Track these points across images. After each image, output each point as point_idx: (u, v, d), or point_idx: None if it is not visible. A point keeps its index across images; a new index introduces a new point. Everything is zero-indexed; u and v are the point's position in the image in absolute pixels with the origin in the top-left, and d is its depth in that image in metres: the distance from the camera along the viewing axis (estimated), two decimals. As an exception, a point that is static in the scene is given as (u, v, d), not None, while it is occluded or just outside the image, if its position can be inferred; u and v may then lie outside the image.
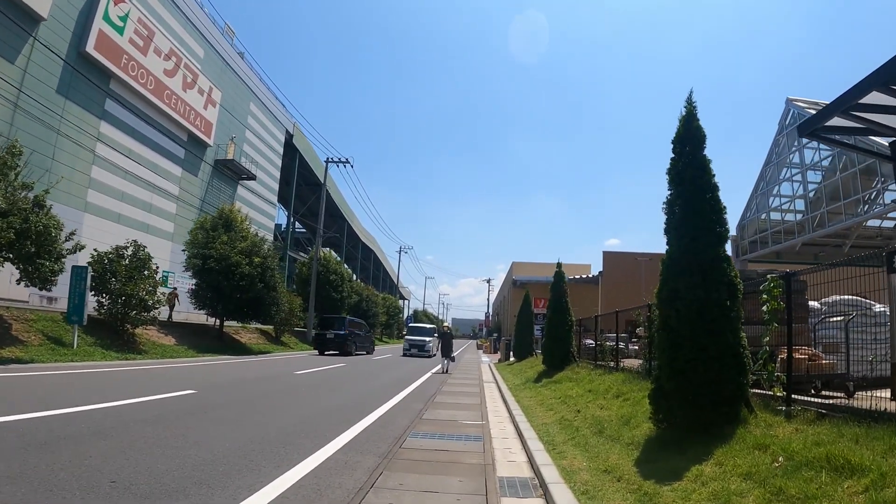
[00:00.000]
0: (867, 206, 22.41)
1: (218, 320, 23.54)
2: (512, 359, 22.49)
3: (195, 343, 21.80)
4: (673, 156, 6.12)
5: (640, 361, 11.19)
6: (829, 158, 23.19)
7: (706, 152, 6.02)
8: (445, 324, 24.44)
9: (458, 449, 6.19)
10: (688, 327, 5.26)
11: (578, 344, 13.87)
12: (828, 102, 7.51)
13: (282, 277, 24.00)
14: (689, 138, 6.07)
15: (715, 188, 5.87)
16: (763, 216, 26.30)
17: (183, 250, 22.38)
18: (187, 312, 25.31)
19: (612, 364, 12.02)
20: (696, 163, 5.93)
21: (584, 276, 37.97)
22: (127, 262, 18.67)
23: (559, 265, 13.72)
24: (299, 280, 32.91)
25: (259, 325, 28.62)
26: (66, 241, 14.73)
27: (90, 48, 25.32)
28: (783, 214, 25.40)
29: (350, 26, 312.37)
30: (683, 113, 6.23)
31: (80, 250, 15.24)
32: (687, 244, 5.54)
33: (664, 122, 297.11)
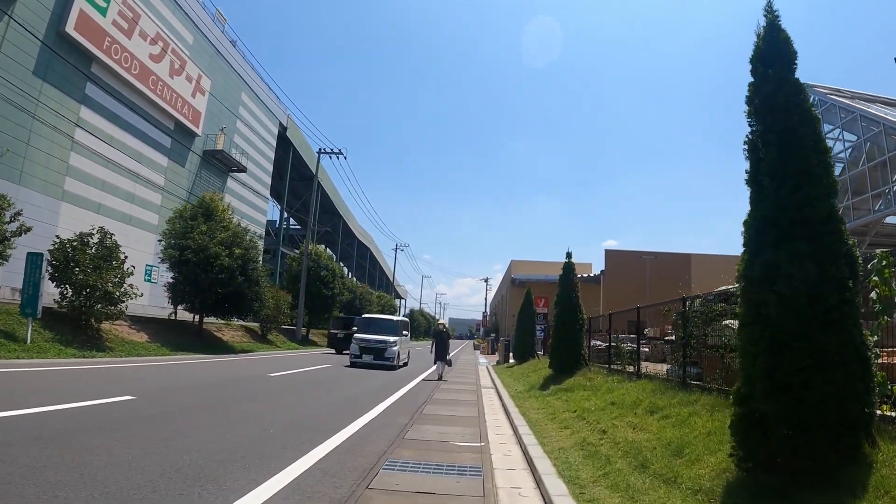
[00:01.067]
0: (888, 201, 20.64)
1: (197, 316, 21.62)
2: (512, 361, 20.62)
3: (170, 340, 19.88)
4: (753, 79, 4.27)
5: (667, 366, 9.36)
6: (851, 150, 21.41)
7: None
8: (441, 322, 20.66)
9: (449, 491, 4.31)
10: (795, 319, 3.40)
11: (588, 346, 12.02)
12: (851, 89, 5.71)
13: (265, 270, 22.09)
14: (775, 56, 4.22)
15: (817, 121, 4.03)
16: None
17: (159, 240, 20.48)
18: (161, 307, 23.37)
19: (630, 369, 10.16)
20: (788, 87, 4.09)
21: (585, 275, 36.12)
22: (93, 250, 16.79)
23: (569, 256, 11.80)
24: (289, 276, 31.03)
25: (245, 323, 26.74)
26: (11, 221, 12.84)
27: (70, 28, 23.52)
28: None
29: (351, 26, 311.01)
30: (763, 25, 4.39)
31: (25, 232, 13.33)
32: (787, 196, 3.67)
33: (662, 124, 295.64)
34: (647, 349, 15.19)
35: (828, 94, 20.32)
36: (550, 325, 18.73)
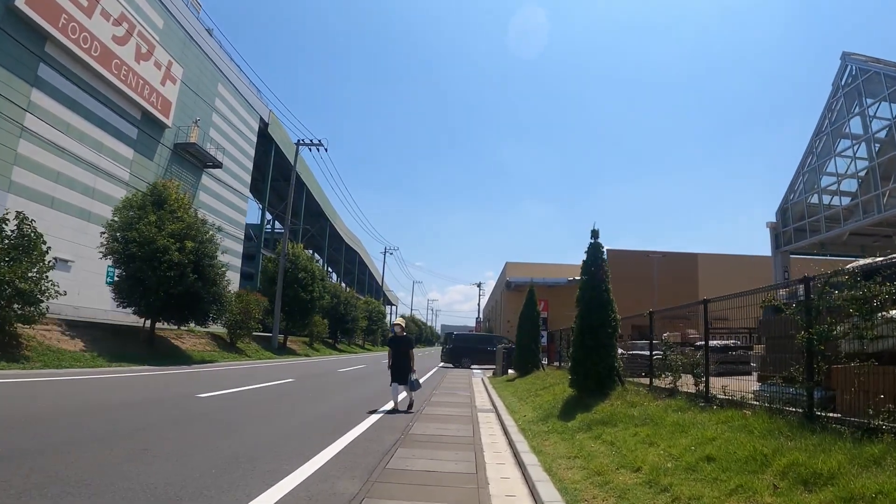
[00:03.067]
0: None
1: (150, 321, 18.16)
2: (511, 372, 17.32)
3: (113, 349, 16.43)
4: None
5: (723, 382, 6.18)
6: (887, 129, 18.38)
7: None
8: (398, 320, 12.49)
9: None
10: None
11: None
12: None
13: (222, 266, 18.65)
14: None
15: None
16: (811, 198, 21.25)
17: (102, 232, 17.12)
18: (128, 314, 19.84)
19: (688, 388, 6.93)
20: None
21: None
22: (9, 242, 13.47)
23: (595, 234, 8.45)
24: (264, 278, 27.58)
25: (212, 330, 23.25)
26: None
27: (21, 3, 20.52)
28: (831, 198, 20.47)
29: (335, 27, 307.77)
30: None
31: None
32: None
33: (655, 128, 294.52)
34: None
35: (867, 61, 17.37)
36: (562, 331, 15.45)
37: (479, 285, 69.24)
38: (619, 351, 12.53)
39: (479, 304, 76.02)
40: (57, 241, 22.02)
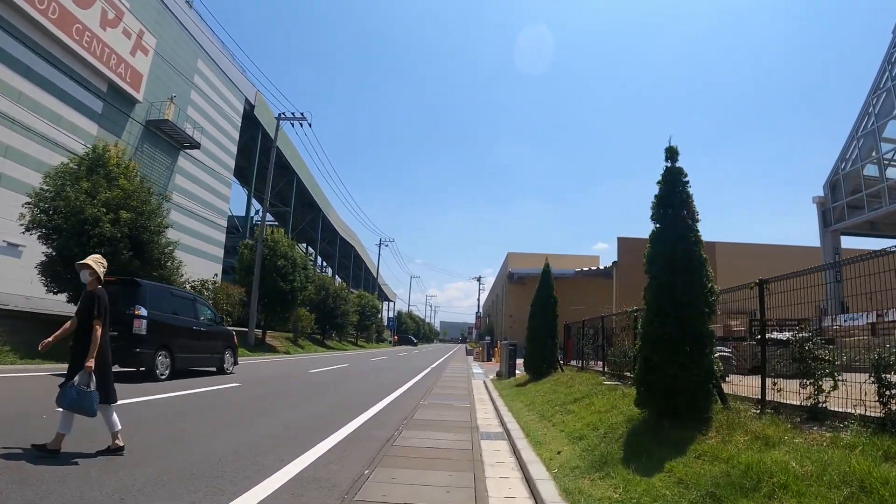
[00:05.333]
0: None
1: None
2: (520, 373, 13.79)
3: (34, 342, 13.12)
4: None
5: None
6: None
7: None
8: (85, 261, 4.73)
9: None
10: None
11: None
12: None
13: (169, 245, 15.23)
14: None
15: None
16: (866, 167, 17.71)
17: (25, 203, 13.78)
18: (41, 299, 16.53)
19: (853, 409, 3.63)
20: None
21: (591, 267, 29.69)
22: None
23: (672, 155, 5.11)
24: (241, 267, 24.18)
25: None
26: None
27: (-42, -48, 17.15)
28: (886, 167, 16.93)
29: (334, 26, 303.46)
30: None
31: None
32: None
33: (652, 126, 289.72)
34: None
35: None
36: (585, 323, 12.08)
37: (478, 279, 66.04)
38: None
39: (478, 300, 72.77)
40: (6, 222, 18.72)
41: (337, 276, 59.84)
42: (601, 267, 30.78)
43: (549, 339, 11.33)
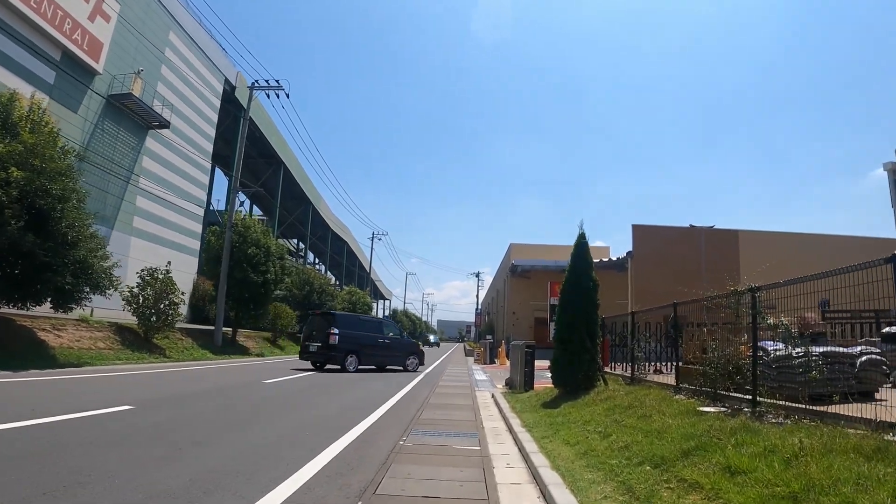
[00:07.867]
0: None
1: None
2: (539, 384, 10.12)
3: None
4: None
5: None
6: None
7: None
8: None
9: None
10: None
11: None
12: None
13: (87, 217, 11.84)
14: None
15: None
16: None
17: None
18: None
19: None
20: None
21: (603, 259, 26.45)
22: None
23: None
24: (209, 256, 20.67)
25: (122, 320, 16.42)
26: None
27: None
28: None
29: (333, 25, 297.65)
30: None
31: None
32: None
33: (648, 124, 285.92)
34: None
35: None
36: (634, 316, 8.74)
37: (477, 275, 62.71)
38: (770, 348, 6.12)
39: (477, 296, 69.47)
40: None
41: (329, 274, 56.28)
42: (613, 258, 27.50)
43: (589, 340, 7.72)
